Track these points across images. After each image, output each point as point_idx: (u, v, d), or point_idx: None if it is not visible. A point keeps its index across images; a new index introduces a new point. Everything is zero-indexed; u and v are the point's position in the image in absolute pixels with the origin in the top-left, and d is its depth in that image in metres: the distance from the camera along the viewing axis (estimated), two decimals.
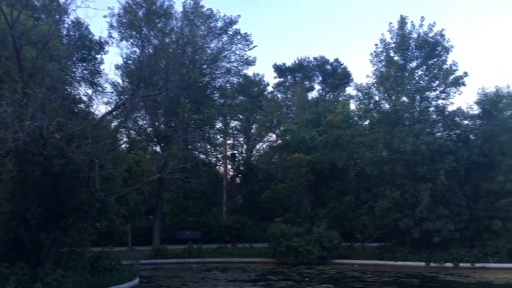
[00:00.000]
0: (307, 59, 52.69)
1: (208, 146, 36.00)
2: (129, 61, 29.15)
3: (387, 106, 28.31)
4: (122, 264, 18.90)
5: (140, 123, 31.20)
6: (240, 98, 36.73)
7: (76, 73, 24.87)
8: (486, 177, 25.38)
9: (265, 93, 49.93)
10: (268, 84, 52.12)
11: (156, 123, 30.18)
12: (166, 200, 35.68)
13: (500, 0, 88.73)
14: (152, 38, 28.68)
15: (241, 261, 27.42)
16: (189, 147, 29.69)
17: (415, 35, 27.24)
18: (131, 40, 28.81)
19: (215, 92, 33.12)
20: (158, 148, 31.33)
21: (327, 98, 50.77)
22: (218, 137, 37.11)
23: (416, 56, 27.61)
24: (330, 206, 30.29)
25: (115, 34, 27.64)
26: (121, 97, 25.43)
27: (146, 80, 18.96)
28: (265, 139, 49.05)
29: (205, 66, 31.35)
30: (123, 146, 30.00)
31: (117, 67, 28.56)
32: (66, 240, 17.20)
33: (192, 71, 27.84)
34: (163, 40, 28.97)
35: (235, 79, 32.81)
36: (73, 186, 16.43)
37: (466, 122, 27.90)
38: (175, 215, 37.94)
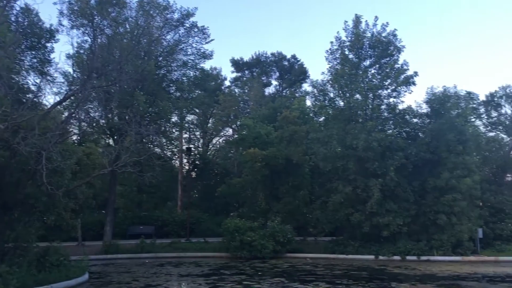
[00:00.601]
0: (264, 55, 52.92)
1: (164, 140, 35.50)
2: (81, 51, 28.13)
3: (341, 103, 28.89)
4: (71, 260, 18.35)
5: (93, 114, 30.27)
6: (197, 92, 36.33)
7: (25, 61, 23.77)
8: (433, 174, 26.41)
9: (223, 87, 49.70)
10: (225, 79, 52.02)
11: (109, 115, 29.39)
12: (119, 194, 34.94)
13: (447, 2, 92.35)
14: (105, 27, 27.84)
15: (195, 255, 27.29)
16: (144, 140, 29.12)
17: (369, 34, 27.87)
18: (82, 28, 27.87)
19: (171, 85, 32.58)
20: (111, 141, 30.53)
21: (284, 94, 51.14)
22: (174, 130, 36.68)
23: (370, 55, 28.27)
24: (284, 201, 30.60)
25: (66, 22, 26.66)
26: (72, 87, 24.50)
27: (98, 70, 18.37)
28: (222, 133, 48.94)
29: (161, 58, 30.76)
30: (73, 138, 29.14)
31: (68, 56, 27.56)
32: (10, 235, 16.53)
33: (147, 63, 27.23)
34: (117, 30, 28.20)
35: (191, 73, 32.37)
36: (18, 179, 15.79)
37: (415, 120, 28.90)
38: (129, 209, 37.24)
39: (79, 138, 29.69)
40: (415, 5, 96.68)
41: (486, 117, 37.96)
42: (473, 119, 35.87)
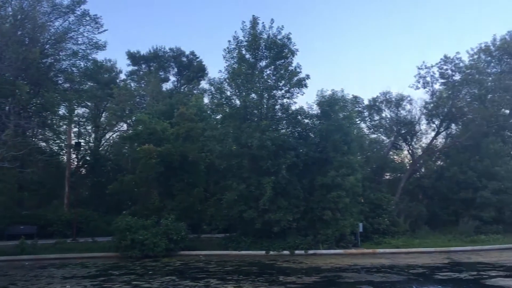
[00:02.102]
0: (162, 49, 51.68)
1: (50, 134, 33.06)
2: None
3: (238, 102, 29.27)
4: None
5: None
6: (88, 84, 34.37)
7: None
8: (321, 172, 27.92)
9: (117, 80, 47.55)
10: (120, 72, 49.78)
11: None
12: None
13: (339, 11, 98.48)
14: None
15: (82, 256, 25.76)
16: (27, 133, 26.86)
17: (265, 36, 28.55)
18: None
19: (59, 75, 30.32)
20: None
21: (182, 90, 50.49)
22: (62, 124, 34.30)
23: (266, 56, 28.97)
24: (179, 198, 30.24)
25: None
26: None
27: None
28: (116, 128, 46.79)
29: (48, 46, 28.52)
30: None
31: None
32: None
33: (31, 50, 25.07)
34: None
35: (82, 63, 30.46)
36: None
37: (306, 121, 30.09)
38: (8, 208, 34.05)
39: None
40: (309, 10, 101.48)
41: (369, 120, 41.15)
42: (358, 122, 38.70)
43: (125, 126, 45.49)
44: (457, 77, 36.80)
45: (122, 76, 49.66)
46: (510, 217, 33.58)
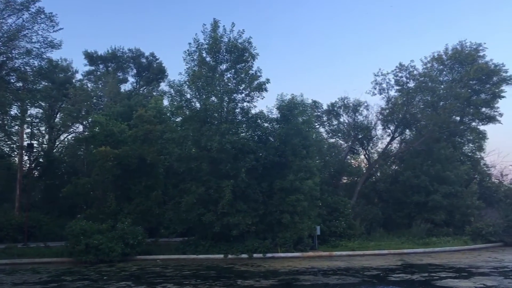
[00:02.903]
0: (121, 50, 50.62)
1: (1, 134, 31.74)
2: None
3: (198, 104, 29.13)
4: None
5: None
6: (43, 83, 33.19)
7: None
8: (280, 175, 28.16)
9: (74, 80, 46.09)
10: (77, 72, 48.19)
11: None
12: None
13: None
14: None
15: (33, 261, 24.93)
16: None
17: (226, 39, 28.55)
18: None
19: (11, 74, 29.20)
20: None
21: (141, 92, 49.64)
22: (14, 124, 33.03)
23: (226, 59, 28.97)
24: (136, 202, 29.73)
25: None
26: None
27: None
28: (71, 130, 45.37)
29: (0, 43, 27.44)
30: None
31: None
32: None
33: None
34: None
35: (36, 62, 29.46)
36: None
37: (266, 124, 30.31)
38: None
39: None
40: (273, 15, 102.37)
41: (328, 124, 41.89)
42: (317, 126, 39.35)
43: (81, 128, 44.27)
44: (411, 84, 38.07)
45: (79, 76, 48.17)
46: (460, 220, 35.00)
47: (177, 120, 32.58)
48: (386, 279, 18.98)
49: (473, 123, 42.17)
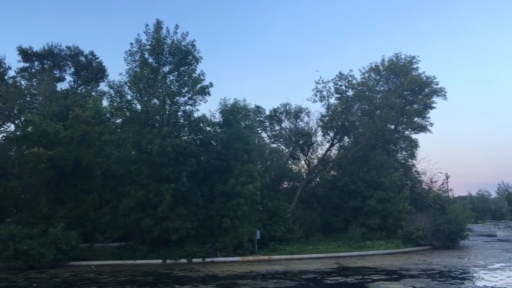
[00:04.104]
0: (59, 47, 48.51)
1: None
2: None
3: (139, 106, 28.47)
4: None
5: None
6: None
7: None
8: (221, 180, 28.15)
9: (6, 77, 43.56)
10: (9, 68, 45.64)
11: None
12: None
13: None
14: None
15: None
16: None
17: (169, 41, 28.15)
18: None
19: None
20: None
21: (79, 91, 47.77)
22: None
23: (169, 62, 28.54)
24: (71, 205, 28.52)
25: None
26: None
27: None
28: (2, 129, 42.77)
29: None
30: None
31: None
32: None
33: None
34: None
35: None
36: None
37: (209, 128, 30.10)
38: None
39: None
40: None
41: (270, 129, 42.48)
42: (259, 131, 39.77)
43: (12, 127, 41.83)
44: (350, 93, 39.39)
45: (12, 73, 45.65)
46: (393, 224, 36.60)
47: (116, 121, 31.67)
48: (322, 282, 19.50)
49: (406, 132, 44.50)
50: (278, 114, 41.27)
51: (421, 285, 18.07)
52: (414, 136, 44.50)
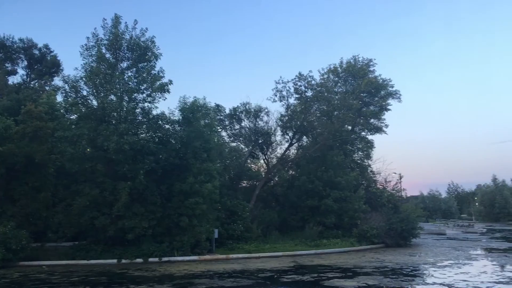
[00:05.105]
0: (11, 39, 46.54)
1: None
2: None
3: (95, 102, 27.73)
4: None
5: None
6: None
7: None
8: (180, 178, 27.84)
9: None
10: None
11: None
12: None
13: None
14: None
15: None
16: None
17: (128, 37, 27.57)
18: None
19: None
20: None
21: (32, 85, 46.04)
22: None
23: (128, 57, 27.95)
24: (21, 204, 27.39)
25: None
26: None
27: None
28: None
29: None
30: None
31: None
32: None
33: None
34: None
35: None
36: None
37: (168, 126, 29.74)
38: None
39: None
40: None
41: (229, 128, 42.48)
42: (219, 130, 39.67)
43: None
44: (309, 93, 40.02)
45: None
46: (348, 223, 37.47)
47: (71, 117, 30.69)
48: (279, 280, 19.71)
49: (363, 133, 45.71)
50: (238, 113, 41.34)
51: (374, 282, 18.61)
52: (370, 137, 45.80)
